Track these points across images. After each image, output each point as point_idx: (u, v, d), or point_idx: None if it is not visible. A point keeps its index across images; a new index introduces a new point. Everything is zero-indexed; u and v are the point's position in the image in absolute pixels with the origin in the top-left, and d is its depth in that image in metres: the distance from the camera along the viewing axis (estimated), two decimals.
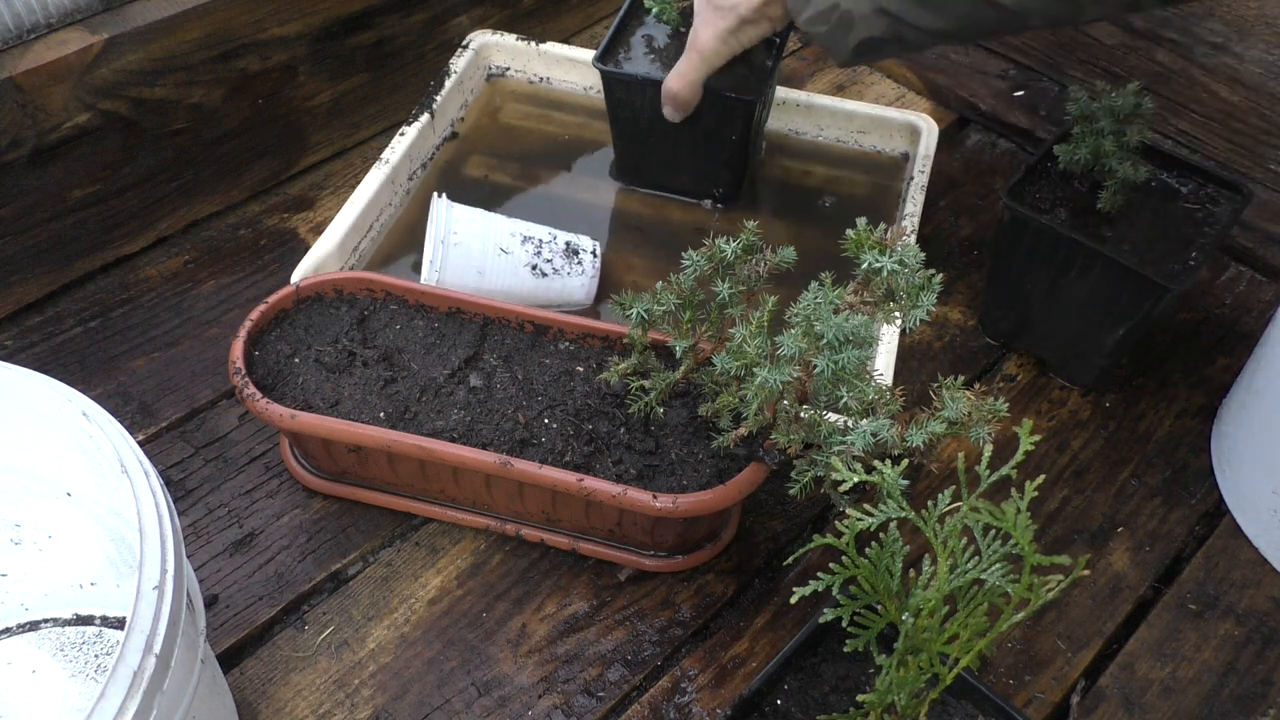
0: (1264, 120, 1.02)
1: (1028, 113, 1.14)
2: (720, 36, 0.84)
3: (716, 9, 0.83)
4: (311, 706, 0.71)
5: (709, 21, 0.84)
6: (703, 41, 0.85)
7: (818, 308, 0.61)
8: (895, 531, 0.55)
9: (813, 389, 0.64)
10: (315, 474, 0.81)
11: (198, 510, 0.81)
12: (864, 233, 0.61)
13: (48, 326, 0.92)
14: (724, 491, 0.70)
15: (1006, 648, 0.76)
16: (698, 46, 0.86)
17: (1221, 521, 0.84)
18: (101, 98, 0.89)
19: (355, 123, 1.10)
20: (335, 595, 0.77)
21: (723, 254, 0.67)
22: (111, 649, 0.71)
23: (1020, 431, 0.51)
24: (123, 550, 0.68)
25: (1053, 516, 0.84)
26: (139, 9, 0.90)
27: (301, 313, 0.81)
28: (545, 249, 0.91)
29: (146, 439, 0.85)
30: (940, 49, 1.21)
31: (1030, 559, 0.51)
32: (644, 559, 0.78)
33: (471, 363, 0.79)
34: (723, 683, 0.74)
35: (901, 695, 0.57)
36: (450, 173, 1.04)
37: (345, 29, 1.03)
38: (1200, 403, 0.92)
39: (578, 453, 0.73)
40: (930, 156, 1.02)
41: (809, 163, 1.08)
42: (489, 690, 0.72)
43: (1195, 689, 0.75)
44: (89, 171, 0.92)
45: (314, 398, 0.76)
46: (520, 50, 1.12)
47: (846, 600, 0.56)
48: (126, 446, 0.55)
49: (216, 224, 1.02)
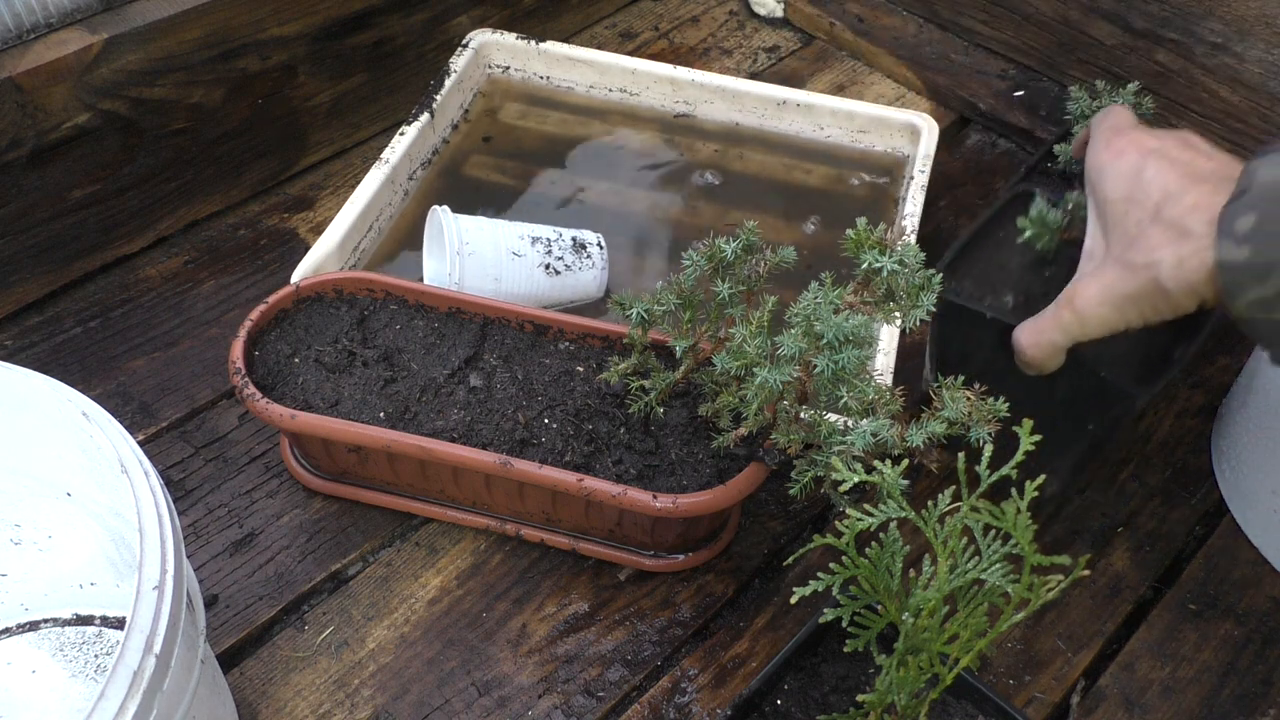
0: (1264, 120, 1.02)
1: (1028, 113, 1.14)
2: (1114, 301, 0.60)
3: (1124, 264, 0.59)
4: (311, 706, 0.71)
5: (1104, 276, 0.60)
6: (1085, 300, 0.61)
7: (818, 307, 0.61)
8: (895, 531, 0.55)
9: (813, 389, 0.64)
10: (315, 474, 0.81)
11: (198, 510, 0.81)
12: (864, 233, 0.61)
13: (48, 326, 0.92)
14: (724, 491, 0.70)
15: (1006, 648, 0.76)
16: (1076, 304, 0.62)
17: (1221, 521, 0.84)
18: (101, 98, 0.89)
19: (355, 123, 1.10)
20: (335, 595, 0.77)
21: (723, 254, 0.67)
22: (111, 649, 0.71)
23: (1020, 431, 0.51)
24: (123, 550, 0.68)
25: (1053, 516, 0.84)
26: (139, 9, 0.90)
27: (301, 313, 0.81)
28: (554, 247, 0.91)
29: (146, 439, 0.85)
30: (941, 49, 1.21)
31: (1030, 559, 0.51)
32: (644, 559, 0.78)
33: (471, 363, 0.79)
34: (723, 683, 0.74)
35: (901, 695, 0.57)
36: (450, 173, 1.04)
37: (345, 29, 1.03)
38: (1200, 403, 0.92)
39: (578, 453, 0.73)
40: (930, 156, 1.02)
41: (809, 162, 1.08)
42: (489, 690, 0.72)
43: (1195, 689, 0.75)
44: (89, 171, 0.92)
45: (314, 398, 0.76)
46: (520, 49, 1.12)
47: (846, 600, 0.56)
48: (126, 446, 0.55)
49: (216, 224, 1.02)
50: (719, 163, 1.08)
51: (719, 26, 1.28)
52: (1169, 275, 0.57)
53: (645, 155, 1.08)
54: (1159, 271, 0.57)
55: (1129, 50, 1.08)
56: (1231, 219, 0.54)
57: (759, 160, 1.08)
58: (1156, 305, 0.59)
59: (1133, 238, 0.59)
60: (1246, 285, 0.54)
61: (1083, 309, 0.62)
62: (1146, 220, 0.58)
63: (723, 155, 1.08)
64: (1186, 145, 0.61)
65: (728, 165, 1.07)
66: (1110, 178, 0.62)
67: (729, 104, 1.10)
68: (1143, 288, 0.58)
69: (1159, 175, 0.59)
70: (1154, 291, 0.58)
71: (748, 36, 1.27)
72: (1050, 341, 0.64)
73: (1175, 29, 1.04)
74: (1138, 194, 0.60)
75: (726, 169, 1.07)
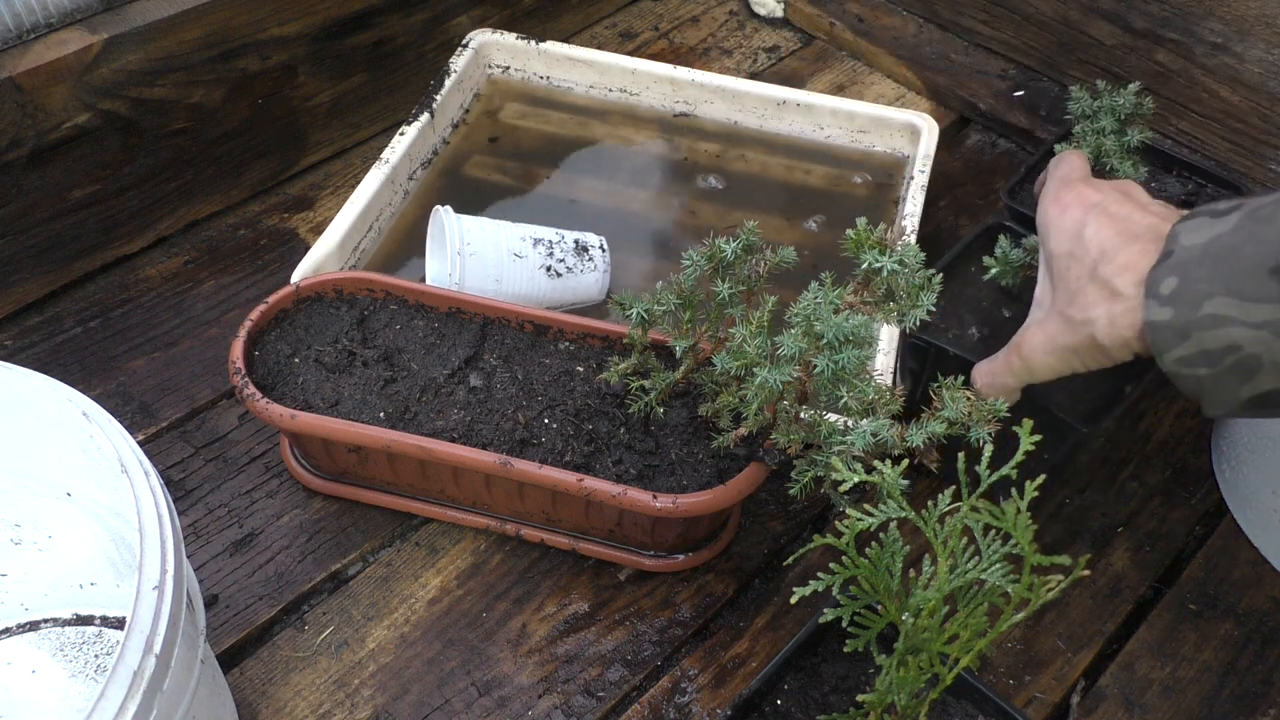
0: (1264, 120, 1.02)
1: (1028, 113, 1.14)
2: (1057, 352, 0.64)
3: (1065, 318, 0.63)
4: (311, 706, 0.71)
5: (1047, 328, 0.65)
6: (1031, 348, 0.66)
7: (817, 307, 0.61)
8: (895, 531, 0.55)
9: (813, 389, 0.64)
10: (315, 474, 0.81)
11: (198, 510, 0.81)
12: (864, 233, 0.61)
13: (48, 326, 0.92)
14: (724, 491, 0.70)
15: (1006, 648, 0.76)
16: (1024, 352, 0.66)
17: (1221, 521, 0.84)
18: (101, 98, 0.89)
19: (355, 122, 1.10)
20: (335, 595, 0.77)
21: (722, 254, 0.67)
22: (111, 649, 0.71)
23: (1020, 431, 0.51)
24: (123, 550, 0.68)
25: (1053, 516, 0.84)
26: (139, 9, 0.90)
27: (301, 313, 0.81)
28: (556, 249, 0.91)
29: (146, 439, 0.85)
30: (941, 49, 1.21)
31: (1030, 559, 0.51)
32: (644, 559, 0.78)
33: (471, 363, 0.79)
34: (723, 683, 0.74)
35: (901, 695, 0.57)
36: (450, 173, 1.04)
37: (345, 29, 1.03)
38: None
39: (578, 453, 0.73)
40: (930, 156, 1.02)
41: (809, 162, 1.08)
42: (489, 690, 0.72)
43: (1195, 689, 0.75)
44: (89, 171, 0.92)
45: (314, 398, 0.76)
46: (520, 49, 1.12)
47: (846, 600, 0.56)
48: (126, 446, 0.55)
49: (216, 224, 1.02)
50: (719, 163, 1.08)
51: (719, 26, 1.28)
52: (1103, 332, 0.61)
53: (645, 156, 1.08)
54: (1094, 329, 0.61)
55: (1129, 50, 1.08)
56: (1157, 281, 0.58)
57: (759, 160, 1.08)
58: (1095, 357, 0.63)
59: (1073, 293, 0.63)
60: (1171, 343, 0.58)
61: (1029, 357, 0.66)
62: (1085, 277, 0.62)
63: (723, 156, 1.08)
64: (1125, 199, 0.64)
65: (728, 166, 1.07)
66: (1054, 233, 0.66)
67: (729, 104, 1.10)
68: (1081, 342, 0.63)
69: (1097, 233, 0.63)
70: (1091, 346, 0.62)
71: (748, 36, 1.27)
72: (1003, 384, 0.69)
73: (1175, 29, 1.04)
74: (1078, 250, 0.63)
75: (727, 169, 1.07)
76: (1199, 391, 0.59)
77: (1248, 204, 0.57)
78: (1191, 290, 0.56)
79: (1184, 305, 0.57)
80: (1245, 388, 0.57)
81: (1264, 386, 0.57)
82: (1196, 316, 0.56)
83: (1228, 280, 0.55)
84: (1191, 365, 0.58)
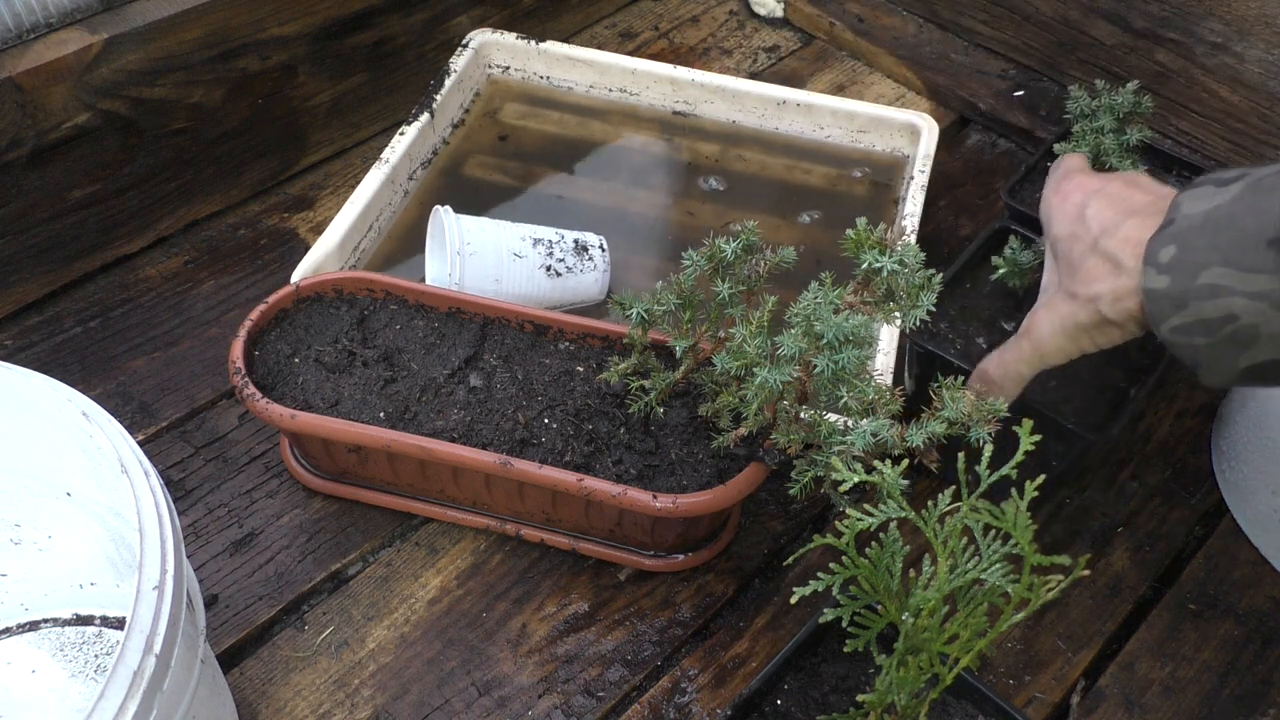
0: (1264, 120, 1.02)
1: (1028, 113, 1.14)
2: (1067, 331, 0.64)
3: (1071, 296, 0.63)
4: (311, 706, 0.71)
5: (1056, 309, 0.64)
6: (1042, 333, 0.65)
7: (818, 307, 0.61)
8: (895, 531, 0.55)
9: (813, 389, 0.64)
10: (315, 474, 0.81)
11: (198, 510, 0.81)
12: (864, 233, 0.61)
13: (48, 326, 0.92)
14: (724, 491, 0.70)
15: (1006, 648, 0.76)
16: (1034, 336, 0.66)
17: (1221, 521, 0.84)
18: (101, 98, 0.89)
19: (355, 122, 1.10)
20: (335, 595, 0.77)
21: (722, 254, 0.67)
22: (111, 649, 0.71)
23: (1020, 431, 0.51)
24: (123, 550, 0.68)
25: (1053, 516, 0.84)
26: (139, 9, 0.90)
27: (301, 313, 0.81)
28: (556, 249, 0.91)
29: (146, 439, 0.85)
30: (941, 49, 1.21)
31: (1030, 559, 0.51)
32: (644, 559, 0.78)
33: (471, 363, 0.79)
34: (723, 683, 0.74)
35: (901, 695, 0.57)
36: (450, 172, 1.04)
37: (345, 29, 1.03)
38: (1200, 402, 0.92)
39: (578, 453, 0.73)
40: (930, 156, 1.02)
41: (809, 162, 1.08)
42: (489, 690, 0.72)
43: (1195, 689, 0.75)
44: (89, 171, 0.92)
45: (314, 398, 0.76)
46: (520, 49, 1.12)
47: (846, 600, 0.56)
48: (126, 446, 0.55)
49: (216, 224, 1.02)
50: (719, 163, 1.08)
51: (719, 26, 1.28)
52: (1109, 306, 0.61)
53: (645, 155, 1.08)
54: (1100, 304, 0.61)
55: (1129, 50, 1.08)
56: (1156, 249, 0.58)
57: (759, 160, 1.08)
58: (1105, 333, 0.63)
59: (1076, 270, 0.63)
60: (1168, 312, 0.57)
61: (1039, 340, 0.66)
62: (1087, 252, 0.62)
63: (723, 156, 1.08)
64: (1129, 183, 0.65)
65: (728, 166, 1.07)
66: (1057, 217, 0.66)
67: (729, 104, 1.10)
68: (1090, 318, 0.62)
69: (1098, 212, 0.63)
70: (1100, 321, 0.62)
71: (748, 36, 1.27)
72: (1017, 372, 0.68)
73: (1175, 29, 1.04)
74: (1079, 230, 0.64)
75: (727, 169, 1.07)
76: (1195, 361, 0.58)
77: (1252, 174, 0.57)
78: (1190, 259, 0.56)
79: (1182, 274, 0.56)
80: (1243, 357, 0.57)
81: (1261, 357, 0.56)
82: (1194, 285, 0.56)
83: (1226, 250, 0.55)
84: (1188, 334, 0.57)
